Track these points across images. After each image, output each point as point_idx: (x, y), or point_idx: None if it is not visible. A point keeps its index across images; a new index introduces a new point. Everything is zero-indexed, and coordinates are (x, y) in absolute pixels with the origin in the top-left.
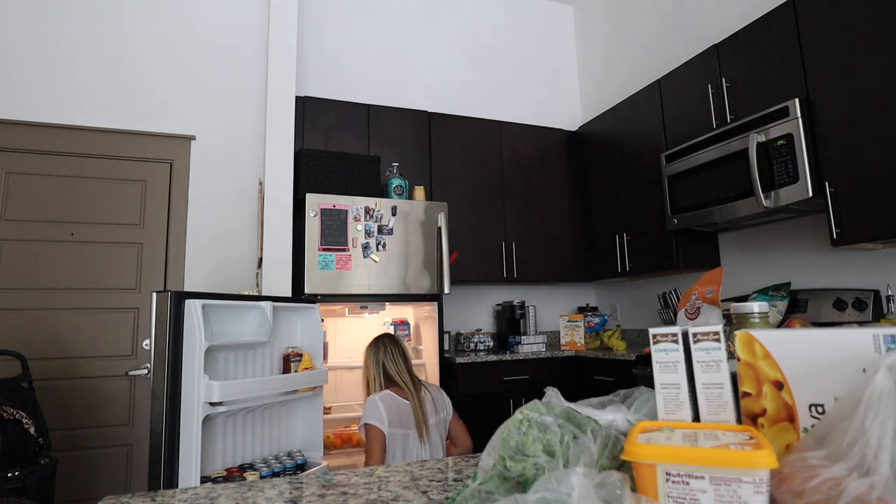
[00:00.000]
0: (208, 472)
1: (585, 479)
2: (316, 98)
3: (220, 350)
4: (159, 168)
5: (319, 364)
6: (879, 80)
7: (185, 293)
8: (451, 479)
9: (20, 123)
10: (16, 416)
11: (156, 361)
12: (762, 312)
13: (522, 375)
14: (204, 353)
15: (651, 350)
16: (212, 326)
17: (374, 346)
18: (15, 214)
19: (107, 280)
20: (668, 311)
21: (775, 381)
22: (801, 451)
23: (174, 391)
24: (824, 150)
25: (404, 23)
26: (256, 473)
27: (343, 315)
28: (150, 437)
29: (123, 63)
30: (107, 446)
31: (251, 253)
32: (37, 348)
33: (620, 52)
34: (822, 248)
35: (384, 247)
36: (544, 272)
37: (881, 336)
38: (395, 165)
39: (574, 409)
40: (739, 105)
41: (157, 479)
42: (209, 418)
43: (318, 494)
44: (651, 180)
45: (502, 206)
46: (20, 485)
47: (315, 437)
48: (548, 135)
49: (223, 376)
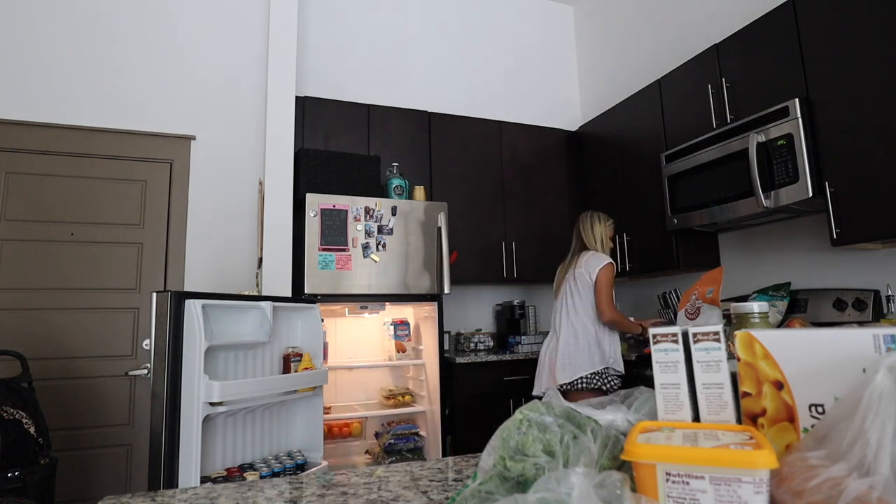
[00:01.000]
0: (208, 472)
1: (585, 479)
2: (316, 98)
3: (219, 350)
4: (159, 168)
5: (319, 364)
6: (879, 80)
7: (185, 293)
8: (451, 479)
9: (20, 123)
10: (16, 416)
11: (156, 361)
12: (762, 312)
13: (522, 375)
14: (204, 353)
15: (651, 350)
16: (212, 326)
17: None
18: (15, 214)
19: (107, 280)
20: (668, 311)
21: (775, 381)
22: (801, 451)
23: (174, 391)
24: (824, 150)
25: (404, 23)
26: (256, 473)
27: (343, 315)
28: (150, 437)
29: (123, 63)
30: (107, 446)
31: (251, 253)
32: (37, 348)
33: (620, 52)
34: (822, 248)
35: (384, 247)
36: (544, 272)
37: (881, 336)
38: (395, 165)
39: (574, 409)
40: (739, 105)
41: (157, 479)
42: (209, 418)
43: (318, 494)
44: (651, 180)
45: (502, 206)
46: (20, 485)
47: (315, 437)
48: (548, 135)
49: (223, 376)
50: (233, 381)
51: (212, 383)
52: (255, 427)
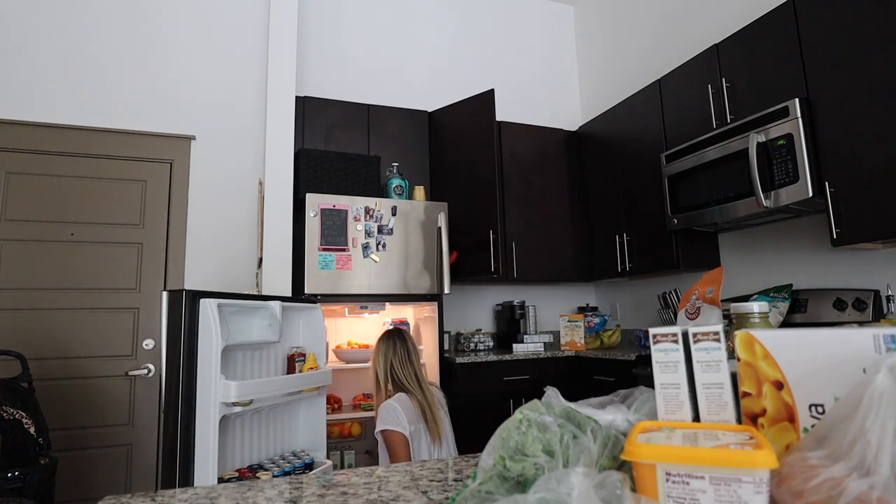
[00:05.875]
0: (220, 474)
1: (585, 479)
2: (316, 98)
3: (229, 350)
4: (159, 168)
5: (323, 364)
6: (879, 80)
7: (200, 292)
8: (451, 479)
9: (20, 123)
10: (16, 416)
11: (169, 361)
12: (762, 312)
13: (522, 375)
14: (220, 352)
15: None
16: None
17: (384, 342)
18: (15, 214)
19: (107, 280)
20: (668, 311)
21: (775, 381)
22: (801, 451)
23: (189, 392)
24: (824, 150)
25: (404, 23)
26: (268, 474)
27: (343, 315)
28: (163, 440)
29: (123, 63)
30: (107, 446)
31: (251, 253)
32: (37, 348)
33: (620, 52)
34: (822, 248)
35: (384, 247)
36: (544, 272)
37: (881, 336)
38: (395, 165)
39: (574, 409)
40: (739, 105)
41: (172, 481)
42: (223, 419)
43: (318, 494)
44: (651, 180)
45: (502, 206)
46: (20, 485)
47: (318, 437)
48: (548, 135)
49: (233, 376)
50: (249, 381)
51: (228, 383)
52: (262, 427)
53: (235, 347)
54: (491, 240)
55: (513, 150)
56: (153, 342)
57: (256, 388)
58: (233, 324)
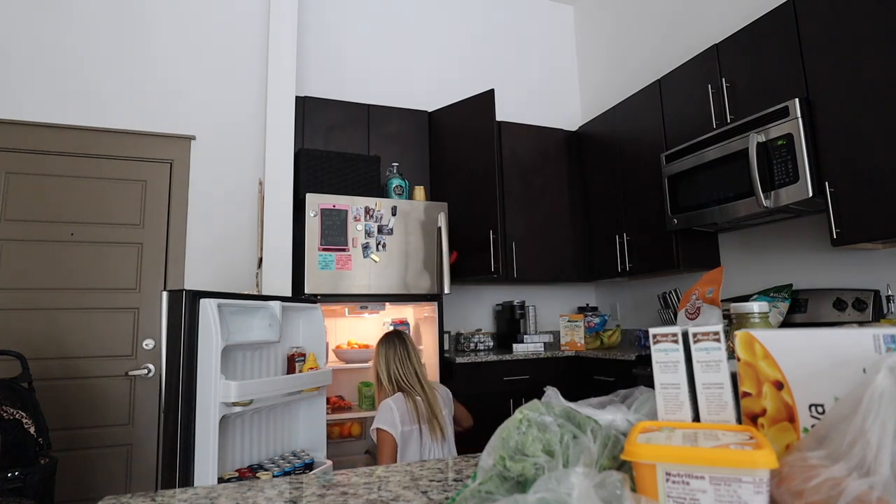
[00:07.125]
0: (220, 474)
1: (585, 479)
2: (316, 98)
3: (229, 350)
4: (159, 168)
5: (323, 364)
6: (879, 80)
7: (200, 292)
8: (451, 479)
9: (20, 123)
10: (16, 416)
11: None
12: (762, 312)
13: (522, 375)
14: (220, 352)
15: (651, 350)
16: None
17: (384, 343)
18: (15, 214)
19: (107, 280)
20: (668, 311)
21: (775, 381)
22: (801, 451)
23: (189, 392)
24: (824, 150)
25: (404, 23)
26: (268, 474)
27: (343, 315)
28: (163, 440)
29: (123, 63)
30: (107, 446)
31: (251, 253)
32: (37, 348)
33: (620, 52)
34: (822, 248)
35: (384, 247)
36: (544, 272)
37: (881, 336)
38: (395, 165)
39: (574, 409)
40: (739, 105)
41: (172, 481)
42: (223, 419)
43: (318, 494)
44: (651, 180)
45: (502, 206)
46: (20, 485)
47: (318, 437)
48: (548, 135)
49: (232, 377)
50: (249, 381)
51: (228, 383)
52: (262, 428)
53: (235, 347)
54: (491, 240)
55: (513, 150)
56: (153, 342)
57: (256, 388)
58: (233, 324)
